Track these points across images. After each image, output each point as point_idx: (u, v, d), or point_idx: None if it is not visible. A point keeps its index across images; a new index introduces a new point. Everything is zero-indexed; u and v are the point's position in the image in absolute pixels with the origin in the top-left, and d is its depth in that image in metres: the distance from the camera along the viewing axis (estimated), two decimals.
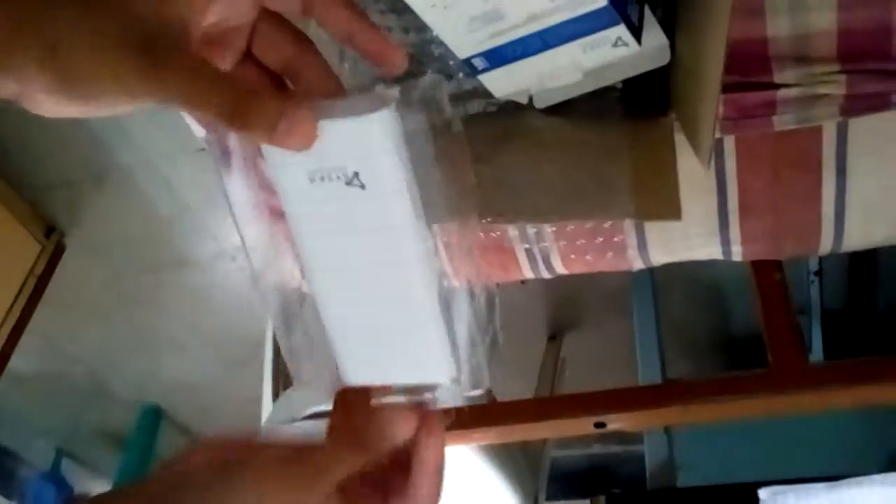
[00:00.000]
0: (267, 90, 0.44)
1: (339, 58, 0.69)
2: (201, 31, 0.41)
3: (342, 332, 0.46)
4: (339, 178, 0.40)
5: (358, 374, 0.47)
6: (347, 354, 0.47)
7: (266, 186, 0.85)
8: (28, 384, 2.51)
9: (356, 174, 0.40)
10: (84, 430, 2.75)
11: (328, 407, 0.49)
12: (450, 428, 0.84)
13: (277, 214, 0.90)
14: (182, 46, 0.39)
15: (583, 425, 0.85)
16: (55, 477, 2.66)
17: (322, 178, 0.41)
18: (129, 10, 0.38)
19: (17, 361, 1.88)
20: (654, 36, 0.62)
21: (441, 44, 0.63)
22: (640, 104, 0.68)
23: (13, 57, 0.36)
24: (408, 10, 0.58)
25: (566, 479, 2.37)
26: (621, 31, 0.58)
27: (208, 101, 0.39)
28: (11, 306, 1.85)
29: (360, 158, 0.39)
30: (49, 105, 0.38)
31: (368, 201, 0.40)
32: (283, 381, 1.60)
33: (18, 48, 0.36)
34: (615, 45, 0.60)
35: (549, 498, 1.75)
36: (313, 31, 0.46)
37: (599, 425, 0.84)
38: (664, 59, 0.64)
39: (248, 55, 0.45)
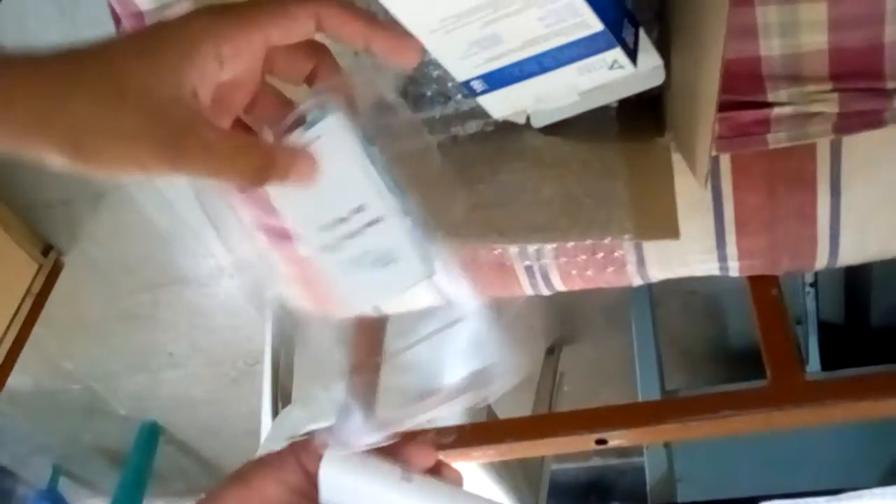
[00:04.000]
0: (260, 141, 0.48)
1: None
2: (211, 97, 0.43)
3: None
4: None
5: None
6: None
7: (263, 206, 0.85)
8: (25, 402, 2.50)
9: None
10: (82, 447, 2.74)
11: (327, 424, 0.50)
12: (450, 446, 0.84)
13: (273, 232, 0.90)
14: (198, 123, 0.41)
15: (583, 442, 0.85)
16: (52, 495, 2.65)
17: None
18: (146, 97, 0.39)
19: (14, 379, 1.87)
20: (649, 56, 0.63)
21: (439, 66, 0.63)
22: (637, 124, 0.69)
23: (35, 147, 0.38)
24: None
25: (566, 492, 2.37)
26: (617, 54, 0.59)
27: (231, 171, 0.42)
28: (9, 325, 1.85)
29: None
30: (62, 169, 0.40)
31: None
32: (282, 398, 1.60)
33: (41, 138, 0.38)
34: (611, 67, 0.61)
35: None
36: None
37: (601, 442, 0.85)
38: (659, 79, 0.64)
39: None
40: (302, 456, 0.48)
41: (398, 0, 0.55)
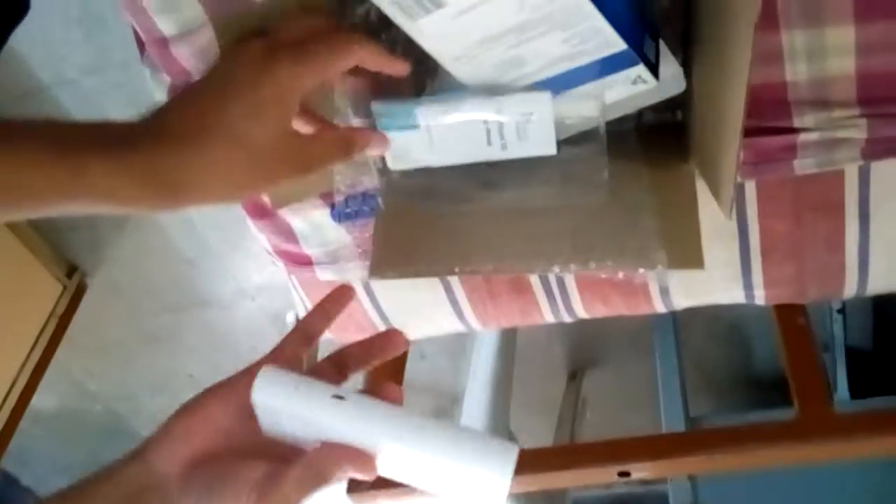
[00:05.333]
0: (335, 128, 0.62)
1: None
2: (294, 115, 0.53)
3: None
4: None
5: None
6: None
7: (281, 231, 0.85)
8: (49, 421, 2.51)
9: None
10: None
11: None
12: None
13: (291, 259, 0.90)
14: (281, 147, 0.51)
15: (607, 474, 0.83)
16: None
17: None
18: (232, 135, 0.47)
19: (38, 399, 1.88)
20: (669, 65, 0.63)
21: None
22: (659, 150, 0.68)
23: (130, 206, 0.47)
24: (426, 55, 0.59)
25: None
26: (640, 70, 0.59)
27: (315, 163, 0.55)
28: (34, 346, 1.87)
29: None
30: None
31: None
32: None
33: (145, 198, 0.46)
34: (634, 83, 0.61)
35: None
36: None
37: (624, 474, 0.83)
38: (680, 87, 0.64)
39: None
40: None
41: (422, 31, 0.55)
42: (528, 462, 0.86)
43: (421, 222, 0.71)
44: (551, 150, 0.63)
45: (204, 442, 0.44)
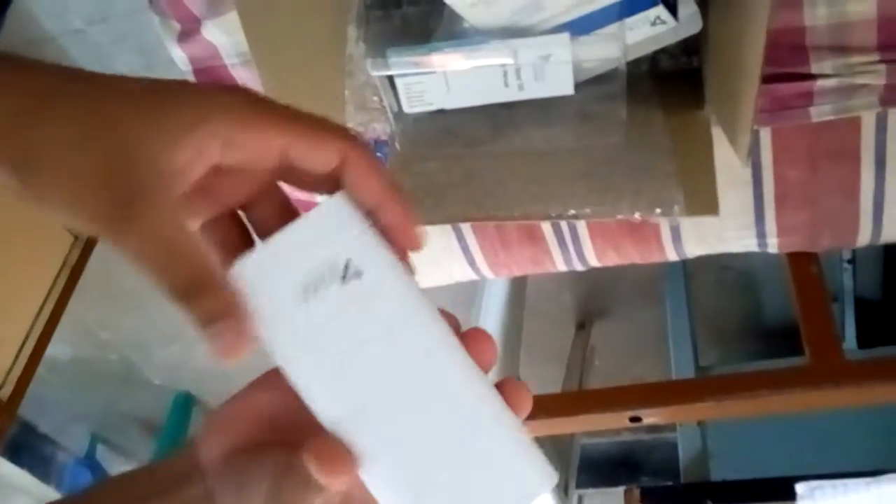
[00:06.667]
0: (207, 258, 0.37)
1: (357, 23, 0.68)
2: (202, 177, 0.36)
3: (391, 482, 0.35)
4: (331, 277, 0.36)
5: None
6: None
7: None
8: (65, 371, 2.55)
9: (348, 262, 0.36)
10: (118, 415, 2.80)
11: None
12: None
13: (305, 207, 0.90)
14: (159, 206, 0.34)
15: (618, 419, 0.84)
16: (91, 462, 2.71)
17: (315, 288, 0.36)
18: (124, 152, 0.34)
19: (52, 349, 1.91)
20: (685, 4, 0.62)
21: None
22: (675, 97, 0.68)
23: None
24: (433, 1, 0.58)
25: (595, 467, 2.37)
26: (660, 10, 0.59)
27: (162, 272, 0.35)
28: (47, 296, 1.89)
29: (343, 241, 0.36)
30: (7, 187, 0.35)
31: (371, 294, 0.36)
32: None
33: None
34: (654, 24, 0.60)
35: (578, 486, 1.75)
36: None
37: (635, 419, 0.84)
38: (697, 26, 0.63)
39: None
40: None
41: None
42: (540, 407, 0.87)
43: (435, 167, 0.71)
44: (569, 89, 0.63)
45: (249, 430, 0.43)
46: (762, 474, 1.08)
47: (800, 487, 0.98)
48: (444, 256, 0.88)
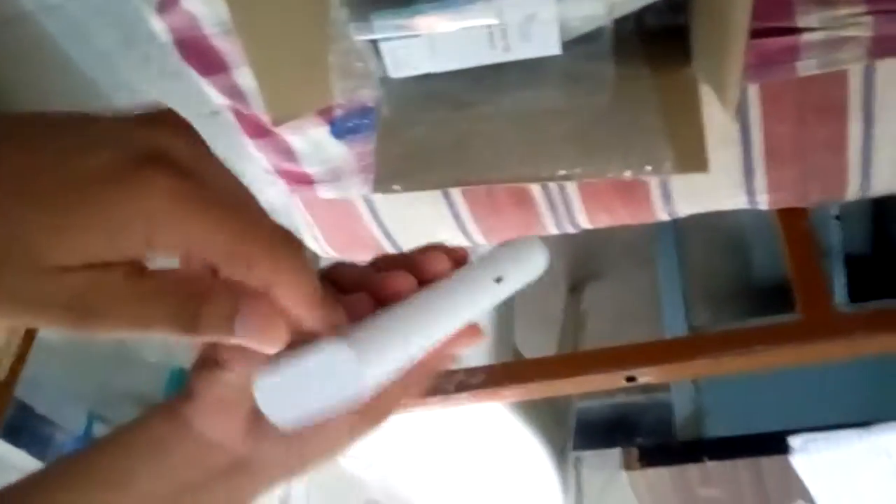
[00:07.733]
0: (217, 285, 0.34)
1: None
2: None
3: None
4: None
5: None
6: None
7: (281, 151, 0.85)
8: (59, 351, 2.55)
9: None
10: (114, 393, 2.80)
11: None
12: (480, 385, 0.84)
13: (292, 178, 0.90)
14: (120, 283, 0.31)
15: (613, 380, 0.85)
16: (88, 440, 2.72)
17: None
18: (78, 239, 0.29)
19: (45, 330, 1.90)
20: None
21: None
22: (662, 55, 0.67)
23: None
24: None
25: (592, 429, 2.39)
26: None
27: (152, 318, 0.32)
28: None
29: None
30: None
31: None
32: None
33: None
34: None
35: (576, 448, 1.76)
36: None
37: (630, 379, 0.84)
38: None
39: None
40: None
41: None
42: (535, 371, 0.88)
43: (423, 132, 0.71)
44: (555, 49, 0.62)
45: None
46: (756, 430, 1.10)
47: (794, 441, 0.99)
48: (435, 222, 0.88)
